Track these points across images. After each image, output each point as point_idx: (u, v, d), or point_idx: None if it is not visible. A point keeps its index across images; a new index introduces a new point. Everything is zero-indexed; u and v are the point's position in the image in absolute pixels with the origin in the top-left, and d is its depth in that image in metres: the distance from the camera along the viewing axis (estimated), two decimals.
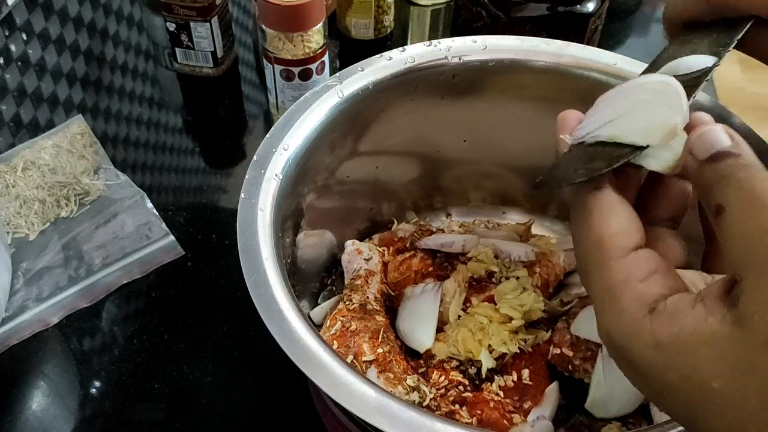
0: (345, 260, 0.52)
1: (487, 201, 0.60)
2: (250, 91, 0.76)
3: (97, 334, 0.55)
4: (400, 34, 0.82)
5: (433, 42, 0.50)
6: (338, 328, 0.46)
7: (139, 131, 0.71)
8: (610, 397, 0.44)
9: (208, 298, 0.57)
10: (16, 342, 0.54)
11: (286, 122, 0.46)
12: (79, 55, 0.77)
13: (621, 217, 0.27)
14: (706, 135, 0.26)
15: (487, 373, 0.46)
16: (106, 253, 0.60)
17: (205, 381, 0.52)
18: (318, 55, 0.64)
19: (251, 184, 0.42)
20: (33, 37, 0.76)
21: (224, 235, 0.62)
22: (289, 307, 0.37)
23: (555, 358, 0.47)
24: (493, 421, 0.43)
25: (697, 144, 0.26)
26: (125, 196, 0.63)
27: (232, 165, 0.69)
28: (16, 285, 0.57)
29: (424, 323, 0.48)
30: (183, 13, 0.70)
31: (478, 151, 0.56)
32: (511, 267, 0.50)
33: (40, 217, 0.61)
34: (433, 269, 0.51)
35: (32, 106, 0.71)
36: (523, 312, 0.47)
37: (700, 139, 0.26)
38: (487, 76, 0.51)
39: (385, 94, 0.49)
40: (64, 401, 0.51)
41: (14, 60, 0.74)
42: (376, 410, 0.33)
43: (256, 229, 0.40)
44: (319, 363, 0.34)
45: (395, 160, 0.55)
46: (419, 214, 0.56)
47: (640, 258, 0.26)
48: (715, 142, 0.26)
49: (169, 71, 0.77)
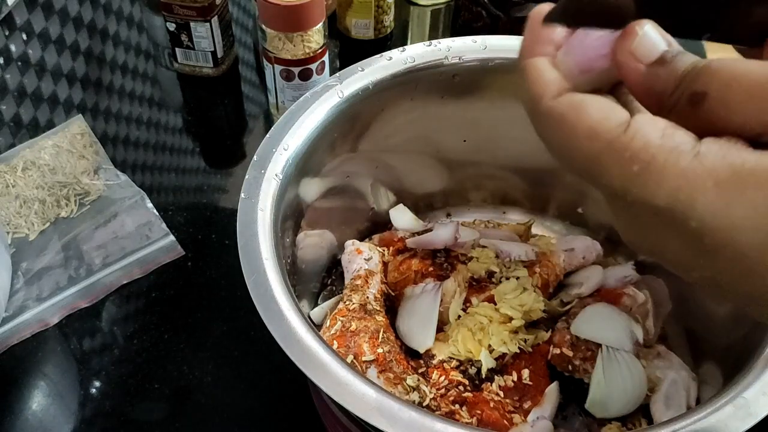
0: (345, 260, 0.52)
1: (487, 201, 0.60)
2: (250, 91, 0.76)
3: (97, 334, 0.55)
4: (400, 34, 0.82)
5: (433, 42, 0.50)
6: (338, 328, 0.46)
7: (139, 131, 0.71)
8: (610, 397, 0.44)
9: (208, 298, 0.57)
10: (16, 342, 0.54)
11: (286, 122, 0.46)
12: (79, 55, 0.77)
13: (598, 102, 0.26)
14: (646, 38, 0.26)
15: (487, 373, 0.46)
16: (106, 253, 0.60)
17: (205, 381, 0.52)
18: (318, 55, 0.64)
19: (251, 184, 0.42)
20: (33, 37, 0.76)
21: (224, 235, 0.62)
22: (289, 307, 0.37)
23: (555, 358, 0.47)
24: (493, 421, 0.43)
25: (640, 49, 0.26)
26: (125, 196, 0.63)
27: (232, 165, 0.69)
28: (16, 285, 0.57)
29: (424, 323, 0.48)
30: (183, 13, 0.70)
31: (478, 151, 0.56)
32: (511, 267, 0.50)
33: (40, 217, 0.61)
34: (433, 269, 0.51)
35: (32, 106, 0.71)
36: (523, 312, 0.47)
37: (643, 43, 0.26)
38: (487, 76, 0.51)
39: (385, 94, 0.49)
40: (64, 401, 0.51)
41: (14, 60, 0.74)
42: (376, 410, 0.33)
43: (256, 229, 0.40)
44: (319, 363, 0.34)
45: (395, 160, 0.55)
46: (419, 214, 0.56)
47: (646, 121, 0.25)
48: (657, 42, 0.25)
49: (169, 71, 0.77)
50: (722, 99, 0.24)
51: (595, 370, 0.45)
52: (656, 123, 0.24)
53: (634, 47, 0.26)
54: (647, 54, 0.26)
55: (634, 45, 0.26)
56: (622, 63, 0.26)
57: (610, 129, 0.25)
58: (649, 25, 0.26)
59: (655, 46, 0.25)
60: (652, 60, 0.25)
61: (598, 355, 0.45)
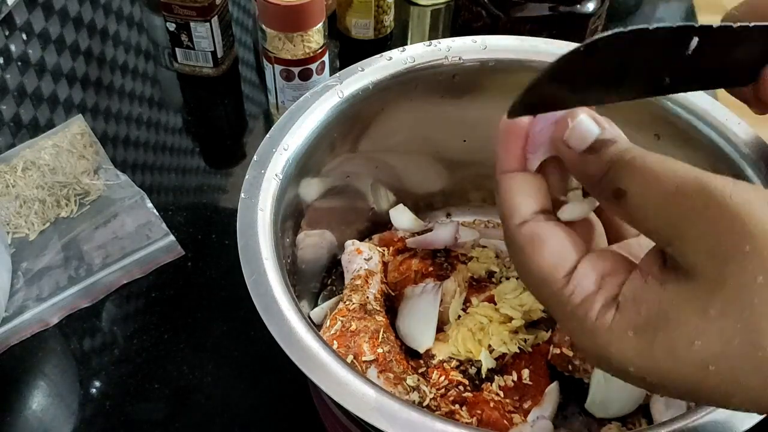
0: (345, 260, 0.52)
1: (487, 201, 0.60)
2: (250, 91, 0.76)
3: (97, 334, 0.55)
4: (400, 34, 0.82)
5: (433, 42, 0.50)
6: (338, 328, 0.46)
7: (139, 131, 0.71)
8: (610, 397, 0.44)
9: (208, 298, 0.57)
10: (16, 342, 0.54)
11: (286, 122, 0.46)
12: (79, 55, 0.77)
13: (550, 245, 0.27)
14: (578, 127, 0.27)
15: (487, 373, 0.46)
16: (106, 253, 0.60)
17: (205, 381, 0.52)
18: (318, 55, 0.64)
19: (251, 184, 0.42)
20: (33, 37, 0.76)
21: (224, 235, 0.62)
22: (289, 307, 0.37)
23: (555, 358, 0.47)
24: (493, 421, 0.43)
25: (572, 139, 0.27)
26: (125, 196, 0.63)
27: (232, 165, 0.69)
28: (16, 285, 0.57)
29: (424, 323, 0.48)
30: (183, 13, 0.70)
31: (478, 151, 0.56)
32: (511, 267, 0.50)
33: (40, 217, 0.61)
34: (433, 269, 0.51)
35: (32, 106, 0.71)
36: (523, 312, 0.47)
37: (575, 133, 0.27)
38: (487, 76, 0.51)
39: (385, 94, 0.49)
40: (64, 401, 0.51)
41: (14, 60, 0.74)
42: (376, 410, 0.33)
43: (256, 229, 0.40)
44: (319, 363, 0.34)
45: (395, 160, 0.55)
46: (419, 214, 0.56)
47: (585, 273, 0.26)
48: (589, 132, 0.27)
49: (169, 71, 0.77)
50: (638, 202, 0.25)
51: (595, 370, 0.45)
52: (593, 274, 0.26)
53: (566, 137, 0.27)
54: (579, 142, 0.27)
55: (566, 134, 0.27)
56: (557, 149, 0.28)
57: (556, 281, 0.26)
58: (583, 114, 0.27)
59: (588, 134, 0.27)
60: (584, 147, 0.27)
61: None
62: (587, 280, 0.26)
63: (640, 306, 0.25)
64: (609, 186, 0.26)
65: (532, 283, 0.27)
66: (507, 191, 0.29)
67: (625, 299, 0.25)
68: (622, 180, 0.25)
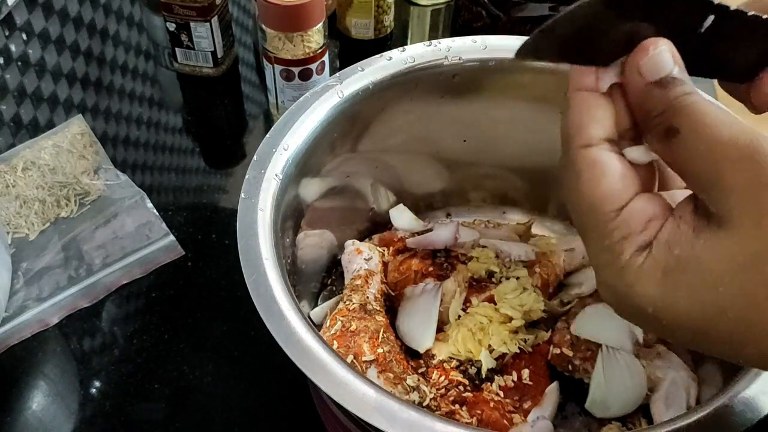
0: (345, 260, 0.52)
1: (487, 201, 0.60)
2: (250, 91, 0.76)
3: (97, 334, 0.55)
4: (400, 34, 0.82)
5: (433, 42, 0.50)
6: (338, 328, 0.46)
7: (139, 131, 0.71)
8: (610, 397, 0.44)
9: (208, 298, 0.57)
10: (16, 342, 0.54)
11: (286, 122, 0.46)
12: (79, 55, 0.77)
13: (610, 175, 0.27)
14: (656, 58, 0.27)
15: (487, 373, 0.46)
16: (106, 253, 0.60)
17: (205, 381, 0.52)
18: (318, 55, 0.64)
19: (251, 184, 0.42)
20: (33, 37, 0.76)
21: (224, 235, 0.62)
22: (289, 307, 0.37)
23: (555, 358, 0.47)
24: (493, 421, 0.43)
25: (647, 66, 0.27)
26: (125, 196, 0.63)
27: (232, 165, 0.69)
28: (16, 285, 0.57)
29: (424, 323, 0.48)
30: (183, 13, 0.70)
31: (478, 151, 0.56)
32: (511, 267, 0.50)
33: (40, 217, 0.61)
34: (433, 269, 0.51)
35: (32, 106, 0.71)
36: (523, 312, 0.47)
37: (651, 62, 0.27)
38: (487, 76, 0.51)
39: (385, 94, 0.49)
40: (64, 401, 0.51)
41: (14, 60, 0.74)
42: (376, 410, 0.33)
43: (256, 229, 0.40)
44: (319, 363, 0.34)
45: (395, 160, 0.55)
46: (419, 214, 0.56)
47: (634, 212, 0.27)
48: (664, 65, 0.27)
49: (169, 71, 0.77)
50: (689, 142, 0.26)
51: (595, 370, 0.45)
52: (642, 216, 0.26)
53: (642, 63, 0.27)
54: (651, 72, 0.27)
55: (642, 61, 0.27)
56: (627, 73, 0.28)
57: (605, 213, 0.27)
58: (665, 46, 0.27)
59: (663, 67, 0.27)
60: (654, 79, 0.27)
61: (598, 355, 0.45)
62: (635, 220, 0.26)
63: (672, 249, 0.25)
64: (664, 122, 0.26)
65: (580, 208, 0.28)
66: (578, 110, 0.28)
67: (659, 243, 0.26)
68: (680, 118, 0.26)
